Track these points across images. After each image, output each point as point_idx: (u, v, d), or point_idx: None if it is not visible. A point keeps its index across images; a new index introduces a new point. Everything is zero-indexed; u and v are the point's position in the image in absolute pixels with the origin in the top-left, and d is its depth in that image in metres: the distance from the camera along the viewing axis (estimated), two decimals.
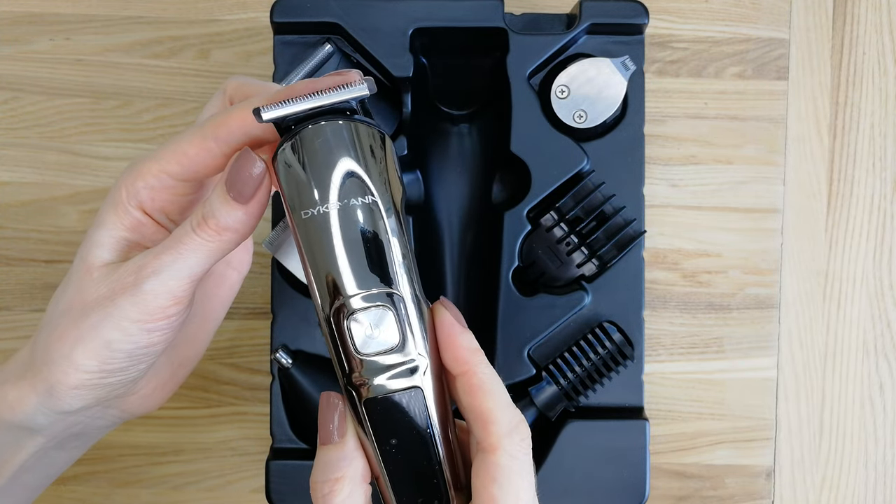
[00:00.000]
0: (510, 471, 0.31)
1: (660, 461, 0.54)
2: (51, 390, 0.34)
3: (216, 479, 0.54)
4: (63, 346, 0.33)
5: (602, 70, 0.47)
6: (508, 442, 0.31)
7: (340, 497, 0.32)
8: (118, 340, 0.33)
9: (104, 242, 0.34)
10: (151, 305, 0.33)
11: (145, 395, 0.38)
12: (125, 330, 0.33)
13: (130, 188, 0.34)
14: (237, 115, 0.32)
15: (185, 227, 0.33)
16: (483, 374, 0.32)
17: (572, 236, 0.48)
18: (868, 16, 0.54)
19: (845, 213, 0.54)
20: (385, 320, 0.31)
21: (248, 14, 0.54)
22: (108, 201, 0.35)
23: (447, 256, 0.52)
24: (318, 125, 0.30)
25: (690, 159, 0.54)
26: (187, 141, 0.33)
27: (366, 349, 0.31)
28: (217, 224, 0.32)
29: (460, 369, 0.32)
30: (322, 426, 0.32)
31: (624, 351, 0.47)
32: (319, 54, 0.46)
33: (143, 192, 0.34)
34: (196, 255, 0.32)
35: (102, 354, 0.33)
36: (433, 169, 0.51)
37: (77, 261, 0.35)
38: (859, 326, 0.54)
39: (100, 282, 0.34)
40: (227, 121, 0.33)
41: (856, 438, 0.54)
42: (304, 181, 0.30)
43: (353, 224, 0.30)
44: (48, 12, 0.54)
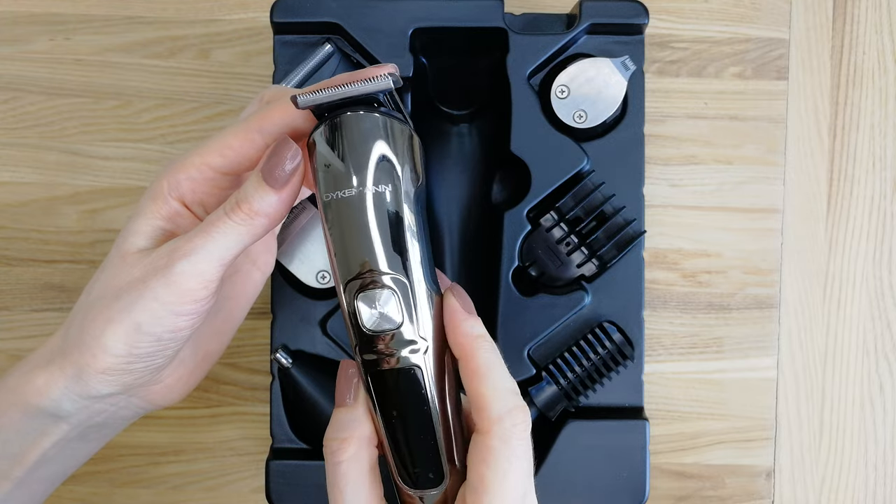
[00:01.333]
0: (499, 453, 0.33)
1: (660, 461, 0.54)
2: (79, 374, 0.35)
3: (216, 479, 0.54)
4: (94, 328, 0.34)
5: (602, 70, 0.47)
6: (499, 426, 0.33)
7: (347, 455, 0.34)
8: (147, 323, 0.34)
9: (140, 230, 0.35)
10: (182, 287, 0.33)
11: (169, 385, 0.39)
12: (155, 312, 0.34)
13: (172, 180, 0.35)
14: (279, 108, 0.34)
15: (217, 212, 0.34)
16: (481, 359, 0.33)
17: (572, 236, 0.48)
18: (868, 16, 0.54)
19: (845, 213, 0.54)
20: (391, 301, 0.33)
21: (248, 14, 0.54)
22: (149, 192, 0.36)
23: (447, 256, 0.52)
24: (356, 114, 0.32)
25: (690, 159, 0.54)
26: (231, 134, 0.35)
27: (371, 325, 0.33)
28: (250, 208, 0.33)
29: (460, 354, 0.34)
30: (339, 390, 0.34)
31: (624, 351, 0.47)
32: (319, 54, 0.46)
33: (185, 183, 0.35)
34: (227, 239, 0.33)
35: (132, 337, 0.34)
36: (433, 169, 0.51)
37: (113, 249, 0.36)
38: (859, 326, 0.54)
39: (133, 266, 0.35)
40: (270, 114, 0.34)
41: (856, 438, 0.54)
42: (338, 164, 0.32)
43: (376, 208, 0.32)
44: (48, 12, 0.54)
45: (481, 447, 0.33)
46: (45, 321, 0.54)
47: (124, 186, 0.54)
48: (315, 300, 0.47)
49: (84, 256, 0.54)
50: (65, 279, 0.54)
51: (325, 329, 0.47)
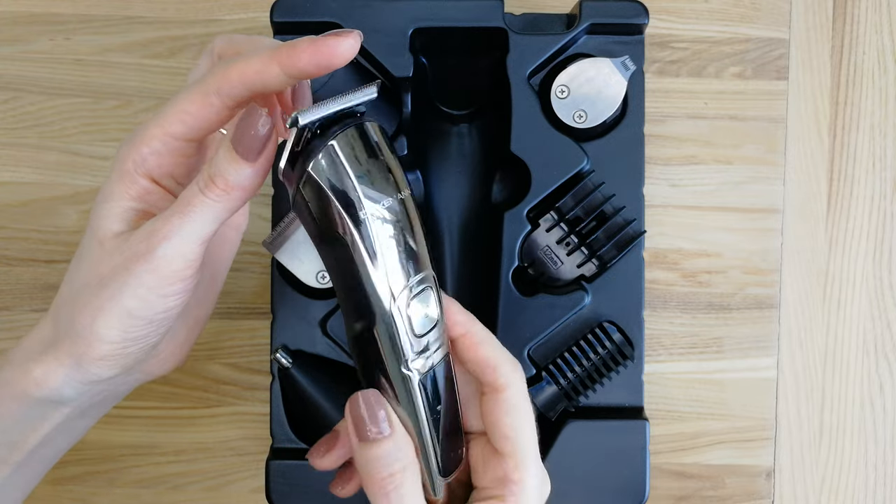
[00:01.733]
0: (519, 404, 0.35)
1: (660, 461, 0.54)
2: (78, 363, 0.34)
3: (216, 479, 0.54)
4: (84, 318, 0.34)
5: (602, 70, 0.47)
6: (515, 379, 0.35)
7: (408, 485, 0.34)
8: (137, 308, 0.33)
9: (113, 214, 0.35)
10: (166, 271, 0.33)
11: (165, 357, 0.39)
12: (143, 297, 0.33)
13: (136, 157, 0.34)
14: (237, 68, 0.33)
15: (192, 189, 0.33)
16: (482, 330, 0.36)
17: (572, 236, 0.48)
18: (868, 16, 0.54)
19: (845, 213, 0.54)
20: (430, 299, 0.33)
21: (248, 14, 0.54)
22: (114, 174, 0.35)
23: (447, 256, 0.52)
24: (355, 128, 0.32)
25: (690, 159, 0.54)
26: (188, 99, 0.34)
27: (421, 329, 0.33)
28: (226, 183, 0.33)
29: (461, 331, 0.35)
30: (371, 421, 0.33)
31: (624, 351, 0.47)
32: None
33: (150, 158, 0.34)
34: (205, 216, 0.33)
35: (124, 323, 0.34)
36: (433, 169, 0.51)
37: (87, 235, 0.35)
38: (859, 326, 0.54)
39: (113, 252, 0.34)
40: (227, 74, 0.33)
41: (856, 438, 0.54)
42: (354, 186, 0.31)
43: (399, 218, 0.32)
44: (48, 12, 0.54)
45: (502, 402, 0.35)
46: None
47: None
48: (315, 300, 0.47)
49: None
50: None
51: (325, 329, 0.47)
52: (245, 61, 0.33)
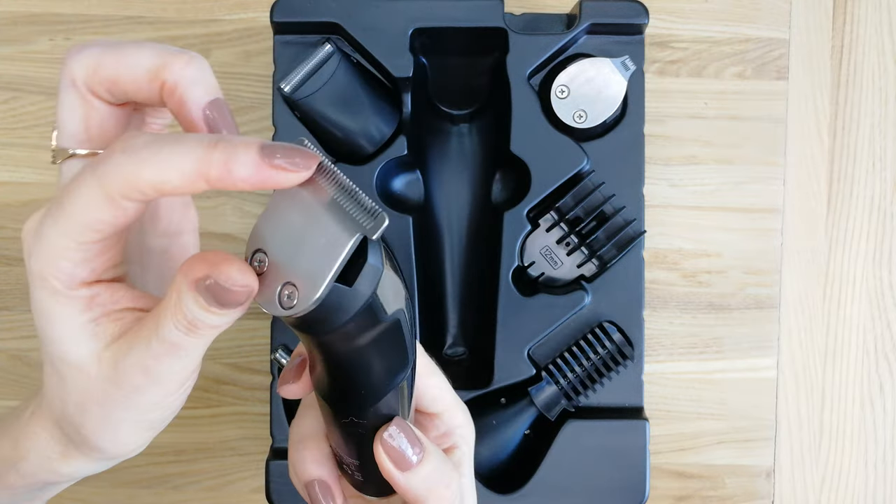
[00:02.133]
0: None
1: (660, 461, 0.54)
2: (109, 459, 0.34)
3: (216, 479, 0.54)
4: (104, 436, 0.32)
5: (602, 70, 0.47)
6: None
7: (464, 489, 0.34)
8: (156, 417, 0.32)
9: (73, 336, 0.30)
10: (172, 387, 0.31)
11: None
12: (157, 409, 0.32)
13: (59, 274, 0.29)
14: (147, 178, 0.27)
15: (172, 332, 0.29)
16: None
17: (572, 236, 0.48)
18: (868, 16, 0.54)
19: (845, 213, 0.54)
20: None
21: (248, 14, 0.54)
22: (44, 293, 0.30)
23: (447, 256, 0.52)
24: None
25: (690, 159, 0.54)
26: (94, 208, 0.28)
27: None
28: (209, 326, 0.28)
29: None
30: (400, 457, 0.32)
31: (624, 351, 0.47)
32: (319, 54, 0.46)
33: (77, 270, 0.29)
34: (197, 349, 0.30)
35: (146, 427, 0.33)
36: (433, 169, 0.51)
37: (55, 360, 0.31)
38: (859, 326, 0.54)
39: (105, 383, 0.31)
40: (136, 182, 0.27)
41: (856, 438, 0.54)
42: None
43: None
44: (48, 12, 0.54)
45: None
46: None
47: None
48: None
49: None
50: None
51: None
52: (158, 167, 0.26)
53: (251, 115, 0.54)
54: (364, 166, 0.47)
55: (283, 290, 0.26)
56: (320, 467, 0.34)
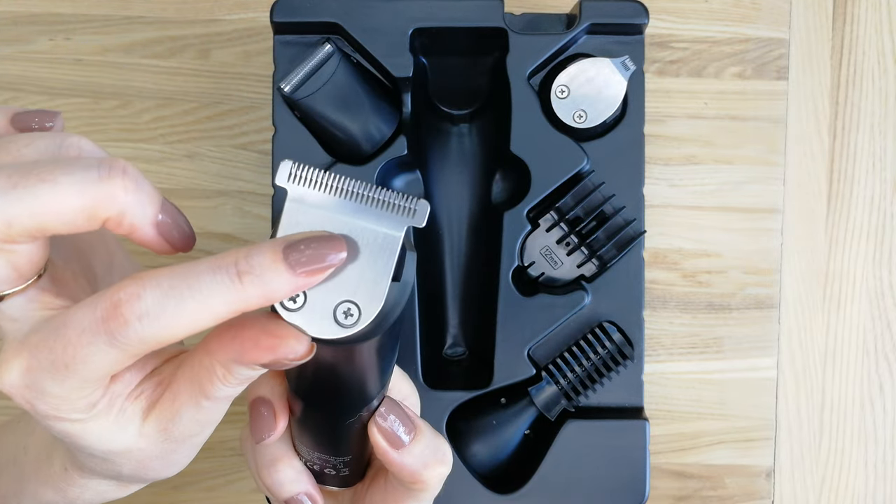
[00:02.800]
0: None
1: (660, 461, 0.54)
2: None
3: (216, 479, 0.54)
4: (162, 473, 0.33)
5: (602, 70, 0.47)
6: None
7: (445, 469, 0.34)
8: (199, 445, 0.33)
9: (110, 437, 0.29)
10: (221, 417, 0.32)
11: None
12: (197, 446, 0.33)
13: (79, 411, 0.27)
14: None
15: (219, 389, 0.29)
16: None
17: (572, 236, 0.48)
18: (868, 16, 0.54)
19: (845, 213, 0.54)
20: None
21: (248, 14, 0.54)
22: (58, 431, 0.28)
23: (447, 256, 0.52)
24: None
25: (690, 159, 0.54)
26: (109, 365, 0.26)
27: None
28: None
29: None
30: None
31: (624, 351, 0.47)
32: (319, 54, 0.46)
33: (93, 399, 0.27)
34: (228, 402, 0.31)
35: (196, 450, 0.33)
36: (433, 169, 0.51)
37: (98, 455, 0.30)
38: (859, 326, 0.54)
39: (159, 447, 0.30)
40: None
41: (856, 438, 0.54)
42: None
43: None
44: (48, 12, 0.54)
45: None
46: None
47: None
48: None
49: None
50: None
51: None
52: (188, 327, 0.25)
53: (251, 115, 0.54)
54: (364, 166, 0.47)
55: (338, 310, 0.25)
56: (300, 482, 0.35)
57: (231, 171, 0.54)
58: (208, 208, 0.53)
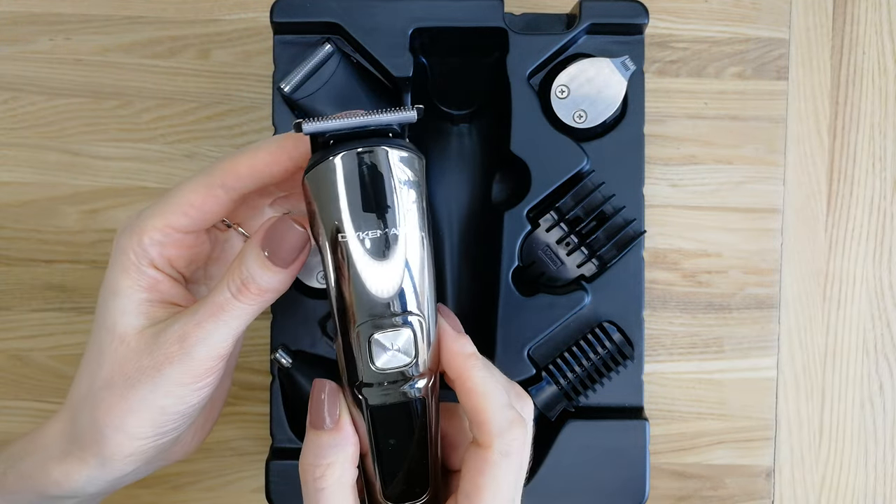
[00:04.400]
0: (497, 466, 0.33)
1: (660, 461, 0.54)
2: (103, 463, 0.34)
3: (216, 479, 0.54)
4: (114, 419, 0.34)
5: (602, 70, 0.47)
6: (500, 441, 0.33)
7: (331, 480, 0.33)
8: (172, 405, 0.34)
9: (128, 309, 0.34)
10: (200, 370, 0.33)
11: (186, 442, 0.39)
12: (177, 394, 0.34)
13: (138, 249, 0.34)
14: (245, 161, 0.33)
15: (223, 293, 0.33)
16: (477, 377, 0.33)
17: (572, 236, 0.48)
18: (868, 16, 0.54)
19: (845, 213, 0.54)
20: (404, 339, 0.31)
21: (248, 14, 0.54)
22: (117, 266, 0.35)
23: (447, 256, 0.52)
24: (356, 152, 0.30)
25: (690, 159, 0.54)
26: (192, 190, 0.34)
27: (382, 364, 0.32)
28: (259, 288, 0.33)
29: (455, 374, 0.33)
30: (314, 410, 0.33)
31: (624, 351, 0.47)
32: (319, 54, 0.46)
33: (152, 249, 0.34)
34: (238, 319, 0.34)
35: (157, 420, 0.34)
36: (433, 169, 0.51)
37: (102, 332, 0.35)
38: (859, 326, 0.54)
39: (140, 353, 0.34)
40: (234, 167, 0.33)
41: (856, 438, 0.54)
42: (359, 202, 0.30)
43: (400, 249, 0.30)
44: (48, 12, 0.54)
45: (480, 460, 0.33)
46: (45, 321, 0.54)
47: (124, 186, 0.54)
48: (315, 300, 0.47)
49: (84, 256, 0.54)
50: (65, 279, 0.54)
51: (324, 329, 0.47)
52: (253, 153, 0.33)
53: (251, 115, 0.54)
54: None
55: None
56: None
57: None
58: None
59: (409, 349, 0.32)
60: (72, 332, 0.54)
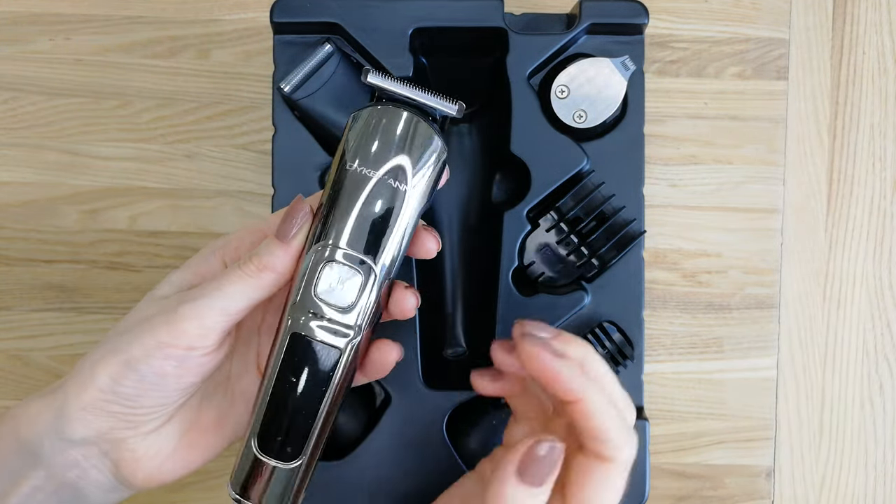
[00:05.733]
0: (614, 481, 0.34)
1: (660, 461, 0.54)
2: (62, 408, 0.35)
3: (216, 479, 0.54)
4: (92, 359, 0.35)
5: (602, 70, 0.47)
6: (621, 455, 0.34)
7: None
8: (136, 358, 0.34)
9: (171, 280, 0.37)
10: (179, 327, 0.34)
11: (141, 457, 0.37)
12: (147, 348, 0.34)
13: (222, 242, 0.38)
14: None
15: (231, 266, 0.36)
16: (598, 400, 0.34)
17: (572, 236, 0.48)
18: (868, 16, 0.54)
19: (845, 213, 0.54)
20: (351, 282, 0.34)
21: (248, 14, 0.54)
22: (195, 255, 0.38)
23: (447, 256, 0.52)
24: (409, 113, 0.35)
25: (690, 159, 0.54)
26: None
27: (322, 294, 0.34)
28: (259, 261, 0.35)
29: (573, 398, 0.34)
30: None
31: (624, 351, 0.47)
32: (319, 54, 0.46)
33: (232, 246, 0.38)
34: (234, 290, 0.35)
35: (117, 371, 0.34)
36: None
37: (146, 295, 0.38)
38: (859, 326, 0.54)
39: (150, 307, 0.36)
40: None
41: (856, 438, 0.54)
42: (362, 143, 0.34)
43: (380, 197, 0.34)
44: (48, 12, 0.54)
45: (598, 473, 0.34)
46: (45, 321, 0.54)
47: (124, 186, 0.54)
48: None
49: (84, 256, 0.54)
50: (65, 279, 0.54)
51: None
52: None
53: (251, 115, 0.54)
54: None
55: None
56: None
57: (231, 171, 0.54)
58: (208, 208, 0.53)
59: (351, 293, 0.34)
60: (72, 332, 0.54)
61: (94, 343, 0.53)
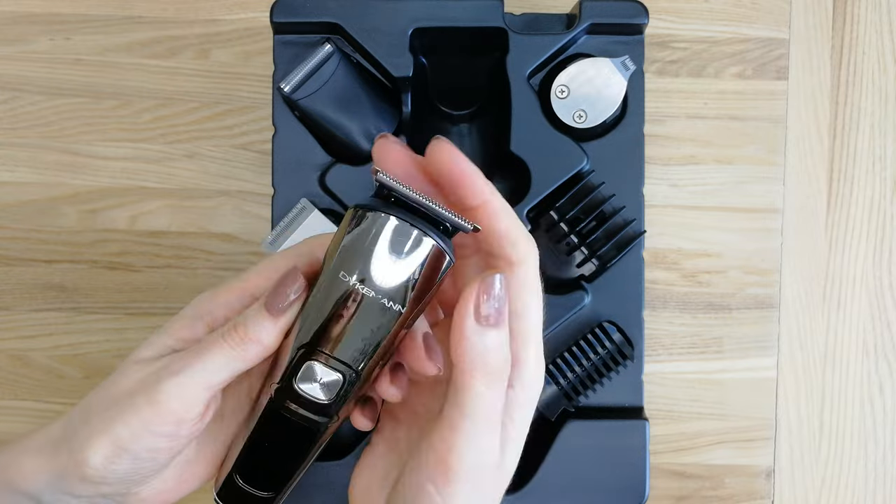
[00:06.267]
0: (531, 281, 0.33)
1: (660, 461, 0.54)
2: (62, 474, 0.34)
3: None
4: (83, 433, 0.34)
5: (602, 70, 0.47)
6: (530, 255, 0.33)
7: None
8: (125, 439, 0.33)
9: (153, 343, 0.35)
10: (164, 407, 0.33)
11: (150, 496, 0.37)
12: (134, 429, 0.33)
13: (205, 307, 0.35)
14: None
15: (214, 334, 0.34)
16: (501, 202, 0.34)
17: (572, 236, 0.48)
18: (868, 16, 0.54)
19: (845, 213, 0.54)
20: (332, 382, 0.33)
21: (248, 14, 0.54)
22: (180, 312, 0.36)
23: None
24: (410, 228, 0.31)
25: (690, 159, 0.54)
26: (281, 257, 0.35)
27: (302, 386, 0.34)
28: (245, 332, 0.33)
29: (478, 201, 0.33)
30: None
31: (624, 351, 0.47)
32: (319, 54, 0.46)
33: (219, 310, 0.35)
34: (216, 362, 0.33)
35: (109, 453, 0.33)
36: None
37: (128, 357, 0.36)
38: (859, 326, 0.54)
39: (130, 376, 0.34)
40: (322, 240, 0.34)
41: (856, 438, 0.54)
42: (361, 253, 0.31)
43: (373, 317, 0.32)
44: (48, 12, 0.54)
45: (516, 279, 0.33)
46: (45, 321, 0.54)
47: (124, 186, 0.54)
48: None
49: (84, 256, 0.54)
50: (65, 279, 0.54)
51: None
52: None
53: (251, 115, 0.54)
54: (364, 166, 0.47)
55: None
56: None
57: (231, 171, 0.54)
58: (208, 208, 0.53)
59: (331, 393, 0.33)
60: (71, 332, 0.54)
61: (93, 343, 0.53)
